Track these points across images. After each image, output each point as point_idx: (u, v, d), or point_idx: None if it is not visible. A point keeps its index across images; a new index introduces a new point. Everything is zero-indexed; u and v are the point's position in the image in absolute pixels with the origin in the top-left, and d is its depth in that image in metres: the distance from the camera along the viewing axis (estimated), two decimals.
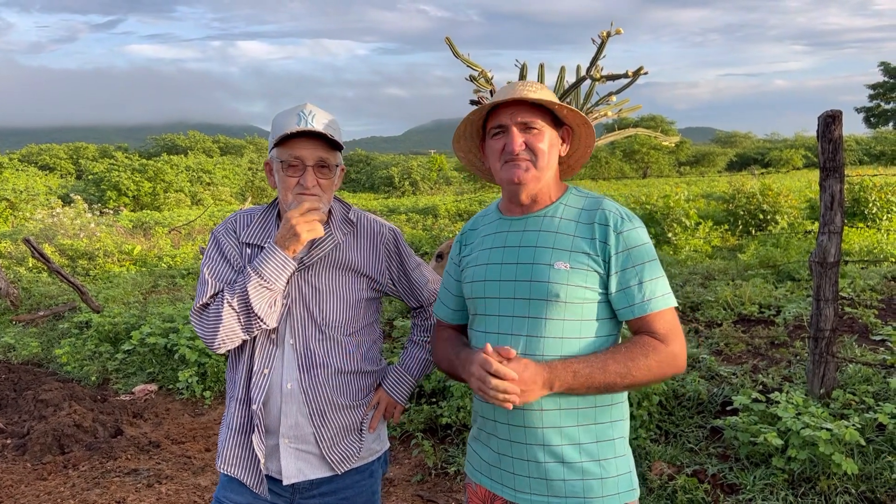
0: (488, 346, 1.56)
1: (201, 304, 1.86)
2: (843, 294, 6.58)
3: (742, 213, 13.28)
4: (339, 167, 1.93)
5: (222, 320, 1.81)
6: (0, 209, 23.26)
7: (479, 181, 36.46)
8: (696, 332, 5.80)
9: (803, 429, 3.33)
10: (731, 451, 3.71)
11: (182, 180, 37.49)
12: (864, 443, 3.35)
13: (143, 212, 28.87)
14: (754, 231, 12.93)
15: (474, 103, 7.15)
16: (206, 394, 5.57)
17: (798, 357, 4.89)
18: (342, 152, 1.93)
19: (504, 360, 1.55)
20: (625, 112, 7.65)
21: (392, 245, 2.05)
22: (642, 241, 1.66)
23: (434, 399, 4.78)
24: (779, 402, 3.68)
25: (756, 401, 3.86)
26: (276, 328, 1.89)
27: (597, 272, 1.64)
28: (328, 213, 1.94)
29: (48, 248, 12.05)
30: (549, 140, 1.72)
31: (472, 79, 6.95)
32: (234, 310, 1.81)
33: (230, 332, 1.82)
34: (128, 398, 5.62)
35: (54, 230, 14.00)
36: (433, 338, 2.00)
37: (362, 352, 2.00)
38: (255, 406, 1.88)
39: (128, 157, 42.97)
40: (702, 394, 4.24)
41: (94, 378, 6.08)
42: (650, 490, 3.46)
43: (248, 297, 1.80)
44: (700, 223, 12.23)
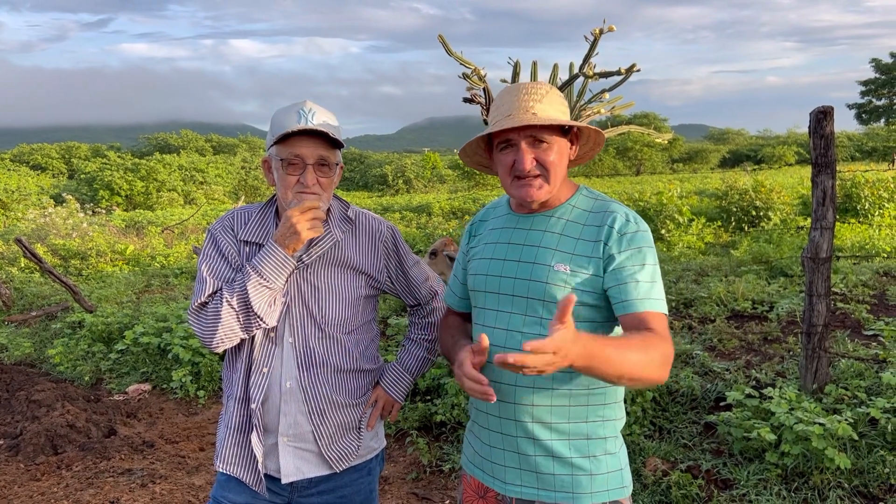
0: (483, 341, 1.54)
1: (200, 302, 1.85)
2: (835, 289, 6.61)
3: (735, 209, 13.34)
4: (339, 165, 1.91)
5: (221, 319, 1.79)
6: None
7: (473, 179, 36.42)
8: (689, 328, 5.81)
9: (796, 424, 3.35)
10: (724, 447, 3.73)
11: (175, 179, 37.31)
12: (856, 437, 3.37)
13: (136, 211, 28.75)
14: (747, 227, 12.99)
15: (467, 101, 7.14)
16: (200, 393, 5.56)
17: (791, 352, 4.91)
18: (341, 150, 1.92)
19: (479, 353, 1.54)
20: (618, 109, 7.66)
21: (390, 243, 2.05)
22: (646, 244, 1.64)
23: (429, 397, 4.78)
24: (772, 398, 3.70)
25: (749, 396, 3.88)
26: (275, 326, 1.88)
27: (597, 276, 1.63)
28: (327, 211, 1.94)
29: (40, 248, 11.98)
30: (559, 150, 1.68)
31: (466, 76, 6.95)
32: (233, 308, 1.80)
33: (229, 330, 1.81)
34: (121, 398, 5.60)
35: (46, 230, 13.90)
36: (441, 322, 2.03)
37: (361, 350, 2.00)
38: (253, 405, 1.88)
39: (120, 157, 42.71)
40: (695, 390, 4.26)
41: (87, 378, 6.06)
42: (644, 486, 3.47)
43: (248, 296, 1.78)
44: (693, 220, 12.28)
